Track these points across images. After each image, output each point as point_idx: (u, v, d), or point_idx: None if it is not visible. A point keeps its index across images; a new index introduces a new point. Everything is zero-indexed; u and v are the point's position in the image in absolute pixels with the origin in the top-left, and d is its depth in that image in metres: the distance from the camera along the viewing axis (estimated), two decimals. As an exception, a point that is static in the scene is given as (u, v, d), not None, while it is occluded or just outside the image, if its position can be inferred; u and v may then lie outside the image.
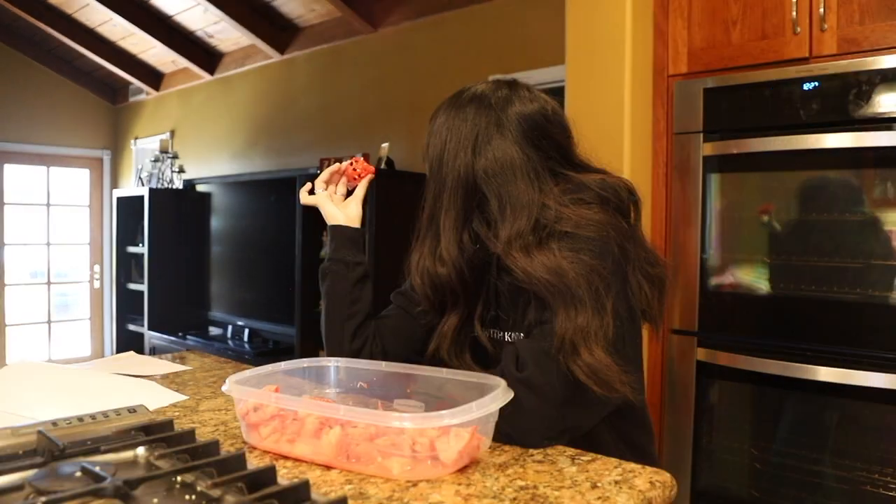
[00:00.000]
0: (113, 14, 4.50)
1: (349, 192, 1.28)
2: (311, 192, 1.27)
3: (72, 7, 4.77)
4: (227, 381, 0.94)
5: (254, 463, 0.80)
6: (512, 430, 0.92)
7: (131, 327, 5.29)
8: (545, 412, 0.92)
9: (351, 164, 1.26)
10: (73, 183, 6.18)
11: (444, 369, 0.98)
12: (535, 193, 1.01)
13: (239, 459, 0.73)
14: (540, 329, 0.96)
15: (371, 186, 1.27)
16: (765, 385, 1.78)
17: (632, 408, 1.06)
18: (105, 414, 0.91)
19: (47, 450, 0.76)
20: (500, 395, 0.86)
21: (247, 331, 4.39)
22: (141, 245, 5.15)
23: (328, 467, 0.85)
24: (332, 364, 1.09)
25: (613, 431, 1.07)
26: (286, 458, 0.88)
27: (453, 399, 0.92)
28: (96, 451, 0.78)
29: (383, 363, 1.05)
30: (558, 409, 0.93)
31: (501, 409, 0.87)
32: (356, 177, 1.26)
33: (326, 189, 1.26)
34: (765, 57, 1.78)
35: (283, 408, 0.89)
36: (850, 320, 1.64)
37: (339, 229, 1.22)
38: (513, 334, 1.08)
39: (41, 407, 1.07)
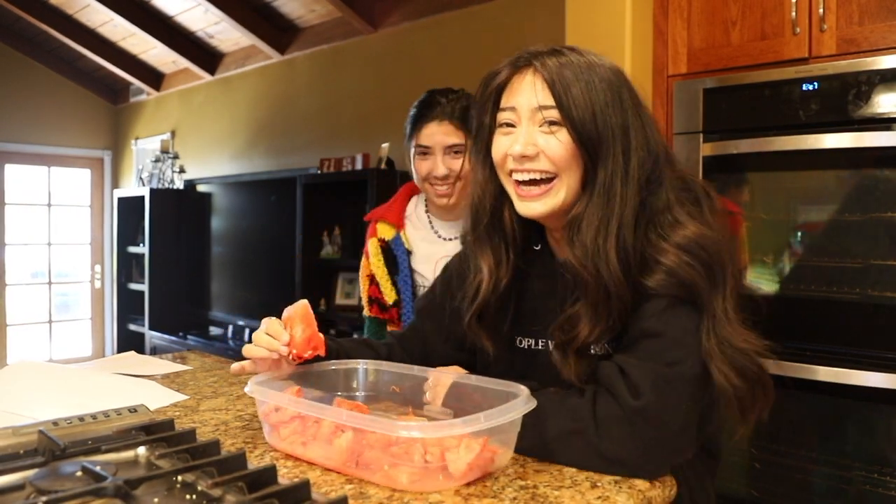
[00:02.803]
0: (114, 14, 4.51)
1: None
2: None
3: (73, 7, 4.77)
4: (249, 381, 0.92)
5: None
6: (623, 460, 0.83)
7: (132, 327, 5.29)
8: (665, 443, 0.84)
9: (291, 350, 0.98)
10: (74, 183, 6.18)
11: (474, 376, 0.94)
12: None
13: (239, 459, 0.73)
14: (646, 343, 0.87)
15: (371, 186, 1.24)
16: (764, 385, 1.78)
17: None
18: (106, 413, 0.91)
19: (48, 449, 0.76)
20: (517, 405, 0.81)
21: (247, 331, 4.39)
22: (142, 245, 5.15)
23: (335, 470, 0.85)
24: (361, 366, 1.05)
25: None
26: (299, 460, 0.87)
27: (479, 407, 0.85)
28: (97, 451, 0.78)
29: (415, 367, 1.01)
30: (678, 438, 0.85)
31: (612, 437, 0.82)
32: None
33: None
34: (764, 57, 1.78)
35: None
36: (849, 320, 1.64)
37: None
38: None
39: (42, 407, 1.07)
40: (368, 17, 3.87)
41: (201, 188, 5.05)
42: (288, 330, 0.98)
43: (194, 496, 0.67)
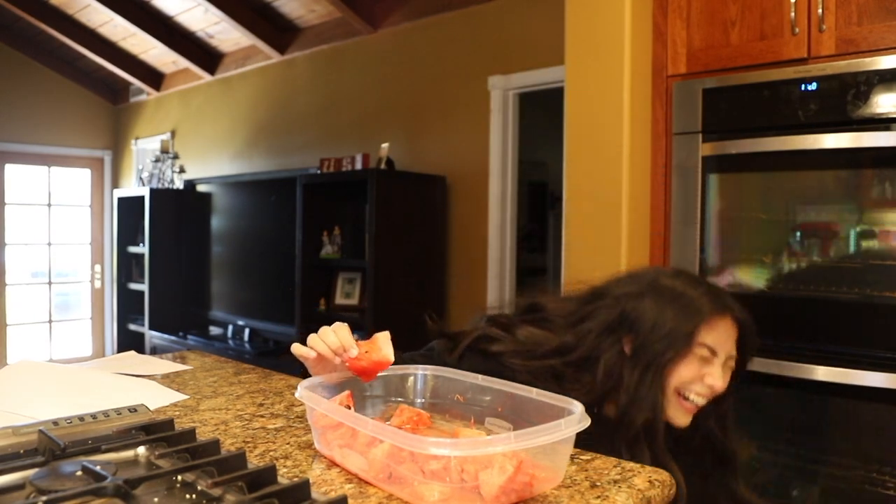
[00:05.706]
0: (114, 14, 4.51)
1: None
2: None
3: (73, 7, 4.77)
4: (299, 385, 0.91)
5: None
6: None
7: (132, 327, 5.29)
8: None
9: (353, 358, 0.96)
10: (74, 183, 6.18)
11: (535, 389, 0.90)
12: None
13: (239, 459, 0.73)
14: None
15: (371, 186, 1.21)
16: (763, 385, 1.78)
17: None
18: (106, 413, 0.91)
19: (48, 449, 0.76)
20: (560, 425, 0.75)
21: (247, 330, 4.39)
22: (142, 245, 5.15)
23: (330, 466, 0.85)
24: (420, 372, 1.03)
25: None
26: (338, 466, 0.85)
27: (534, 423, 0.81)
28: (97, 451, 0.78)
29: (479, 377, 0.97)
30: None
31: None
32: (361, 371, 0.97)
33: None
34: (763, 57, 1.79)
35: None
36: (848, 320, 1.65)
37: None
38: None
39: (42, 406, 1.07)
40: (368, 17, 3.87)
41: (201, 188, 5.05)
42: (363, 348, 0.97)
43: (194, 496, 0.68)
